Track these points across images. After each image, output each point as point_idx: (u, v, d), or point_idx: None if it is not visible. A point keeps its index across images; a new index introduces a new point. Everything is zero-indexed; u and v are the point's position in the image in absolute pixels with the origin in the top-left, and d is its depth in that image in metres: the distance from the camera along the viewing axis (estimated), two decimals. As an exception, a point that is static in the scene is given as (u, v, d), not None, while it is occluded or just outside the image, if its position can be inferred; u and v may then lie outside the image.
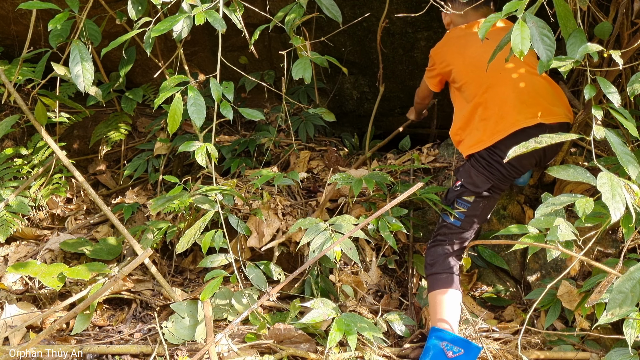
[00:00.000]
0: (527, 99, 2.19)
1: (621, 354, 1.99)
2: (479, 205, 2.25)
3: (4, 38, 3.27)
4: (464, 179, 2.26)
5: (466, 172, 2.26)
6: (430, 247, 2.31)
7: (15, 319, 2.32)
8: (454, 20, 2.47)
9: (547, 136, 1.65)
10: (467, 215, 2.25)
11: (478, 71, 2.24)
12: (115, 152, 3.35)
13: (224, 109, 2.23)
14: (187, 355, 2.12)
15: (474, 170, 2.23)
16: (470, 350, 2.08)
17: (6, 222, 2.72)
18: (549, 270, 2.49)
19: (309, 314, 2.10)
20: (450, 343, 2.07)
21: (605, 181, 1.51)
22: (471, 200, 2.25)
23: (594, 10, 2.18)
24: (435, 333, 2.11)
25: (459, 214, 2.26)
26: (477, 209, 2.26)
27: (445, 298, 2.17)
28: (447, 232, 2.28)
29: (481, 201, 2.25)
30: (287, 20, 2.36)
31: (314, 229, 2.19)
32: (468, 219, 2.26)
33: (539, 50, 1.67)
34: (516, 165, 2.21)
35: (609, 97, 1.78)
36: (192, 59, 3.36)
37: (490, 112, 2.22)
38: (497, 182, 2.23)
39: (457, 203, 2.27)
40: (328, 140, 3.34)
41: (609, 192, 1.48)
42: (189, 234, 2.35)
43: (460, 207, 2.26)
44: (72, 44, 2.29)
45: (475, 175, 2.23)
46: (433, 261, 2.26)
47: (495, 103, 2.21)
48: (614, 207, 1.46)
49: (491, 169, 2.21)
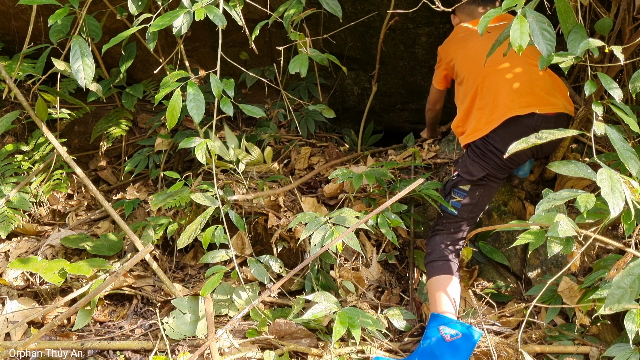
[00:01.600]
0: (522, 88, 2.22)
1: (621, 349, 1.99)
2: (475, 194, 2.29)
3: (4, 34, 3.27)
4: (460, 169, 2.31)
5: (462, 162, 2.31)
6: (430, 237, 2.37)
7: (17, 315, 2.33)
8: (462, 20, 2.55)
9: (548, 131, 1.65)
10: (463, 204, 2.29)
11: (477, 63, 2.29)
12: (116, 148, 3.34)
13: (224, 105, 2.22)
14: (188, 350, 2.13)
15: (469, 160, 2.28)
16: (470, 334, 2.09)
17: (7, 218, 2.73)
18: (549, 267, 2.49)
19: (311, 309, 2.10)
20: (448, 327, 2.10)
21: (605, 177, 1.50)
22: (467, 189, 2.28)
23: (595, 6, 2.17)
24: (433, 319, 2.14)
25: (455, 203, 2.30)
26: (474, 197, 2.29)
27: (442, 284, 2.20)
28: (445, 221, 2.34)
29: (477, 189, 2.28)
30: (286, 16, 2.35)
31: (314, 223, 2.19)
32: (465, 207, 2.29)
33: (539, 45, 1.67)
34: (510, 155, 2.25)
35: (610, 92, 1.77)
36: (192, 55, 3.35)
37: (486, 101, 2.27)
38: (493, 170, 2.26)
39: (454, 192, 2.31)
40: (329, 136, 3.34)
41: (609, 188, 1.48)
42: (190, 229, 2.35)
43: (456, 197, 2.30)
44: (72, 40, 2.28)
45: (470, 164, 2.27)
46: (431, 250, 2.31)
47: (490, 92, 2.26)
48: (613, 202, 1.46)
49: (485, 157, 2.24)
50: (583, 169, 1.70)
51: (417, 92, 3.33)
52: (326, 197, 2.74)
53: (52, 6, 2.42)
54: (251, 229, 2.62)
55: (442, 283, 2.21)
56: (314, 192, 2.81)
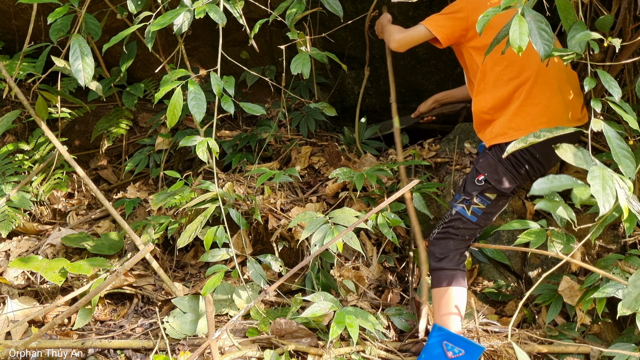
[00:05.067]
0: (572, 99, 2.05)
1: (622, 349, 1.99)
2: (498, 204, 2.10)
3: (4, 33, 3.27)
4: (489, 174, 2.05)
5: (491, 166, 2.05)
6: (440, 239, 2.14)
7: (17, 314, 2.33)
8: None
9: (546, 130, 1.61)
10: (485, 212, 2.09)
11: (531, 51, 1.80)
12: (117, 147, 3.35)
13: (225, 104, 2.22)
14: (189, 350, 2.13)
15: (502, 167, 2.03)
16: (472, 351, 2.02)
17: (8, 217, 2.73)
18: (550, 266, 2.49)
19: (310, 308, 2.10)
20: (452, 343, 2.02)
21: (597, 174, 1.49)
22: (493, 198, 2.07)
23: (596, 5, 2.17)
24: (437, 331, 2.07)
25: (477, 210, 2.08)
26: (496, 207, 2.11)
27: (452, 296, 2.08)
28: (461, 226, 2.11)
29: (502, 199, 2.10)
30: (288, 14, 2.35)
31: (314, 223, 2.19)
32: (485, 215, 2.10)
33: (536, 45, 1.62)
34: (544, 163, 2.06)
35: (608, 89, 1.76)
36: (193, 54, 3.35)
37: (538, 100, 2.01)
38: (522, 181, 2.08)
39: (477, 198, 2.07)
40: (329, 135, 3.33)
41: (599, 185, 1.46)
42: (190, 228, 2.35)
43: (480, 204, 2.08)
44: (72, 39, 2.28)
45: (502, 172, 2.03)
46: (443, 255, 2.12)
47: (544, 94, 2.02)
48: (604, 199, 1.45)
49: (519, 167, 2.04)
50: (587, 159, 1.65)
51: (417, 91, 3.33)
52: (327, 196, 2.74)
53: (53, 5, 2.42)
54: (251, 229, 2.62)
55: (452, 295, 2.08)
56: (314, 191, 2.81)
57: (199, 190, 2.54)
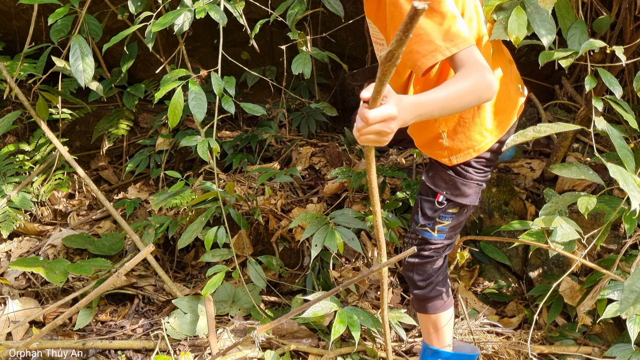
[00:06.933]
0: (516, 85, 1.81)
1: (623, 350, 1.99)
2: (464, 212, 1.85)
3: (5, 34, 3.27)
4: (447, 191, 1.80)
5: (448, 182, 1.80)
6: (417, 265, 1.90)
7: (18, 315, 2.33)
8: None
9: (546, 125, 1.58)
10: (451, 226, 1.86)
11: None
12: (117, 147, 3.35)
13: (226, 104, 2.22)
14: (189, 350, 2.13)
15: (460, 180, 1.78)
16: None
17: (9, 218, 2.73)
18: (550, 266, 2.49)
19: (311, 308, 2.10)
20: None
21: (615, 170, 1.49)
22: (456, 211, 1.83)
23: (597, 5, 2.17)
24: (429, 353, 2.00)
25: (443, 228, 1.85)
26: (462, 214, 1.85)
27: (442, 320, 1.95)
28: (432, 247, 1.88)
29: (466, 207, 1.84)
30: (288, 14, 2.35)
31: (314, 223, 2.19)
32: (454, 228, 1.87)
33: (539, 33, 1.59)
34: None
35: (609, 87, 1.76)
36: (193, 55, 3.35)
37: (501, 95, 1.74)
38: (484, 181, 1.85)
39: (441, 218, 1.84)
40: (330, 136, 3.33)
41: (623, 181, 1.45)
42: (191, 229, 2.35)
43: (444, 221, 1.84)
44: (72, 39, 2.29)
45: (462, 185, 1.78)
46: (425, 282, 1.90)
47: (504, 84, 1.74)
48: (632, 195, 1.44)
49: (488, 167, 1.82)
50: (585, 171, 1.69)
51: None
52: (325, 195, 2.74)
53: (53, 5, 2.42)
54: (252, 230, 2.62)
55: (441, 320, 1.95)
56: (316, 192, 2.81)
57: (199, 191, 2.54)
